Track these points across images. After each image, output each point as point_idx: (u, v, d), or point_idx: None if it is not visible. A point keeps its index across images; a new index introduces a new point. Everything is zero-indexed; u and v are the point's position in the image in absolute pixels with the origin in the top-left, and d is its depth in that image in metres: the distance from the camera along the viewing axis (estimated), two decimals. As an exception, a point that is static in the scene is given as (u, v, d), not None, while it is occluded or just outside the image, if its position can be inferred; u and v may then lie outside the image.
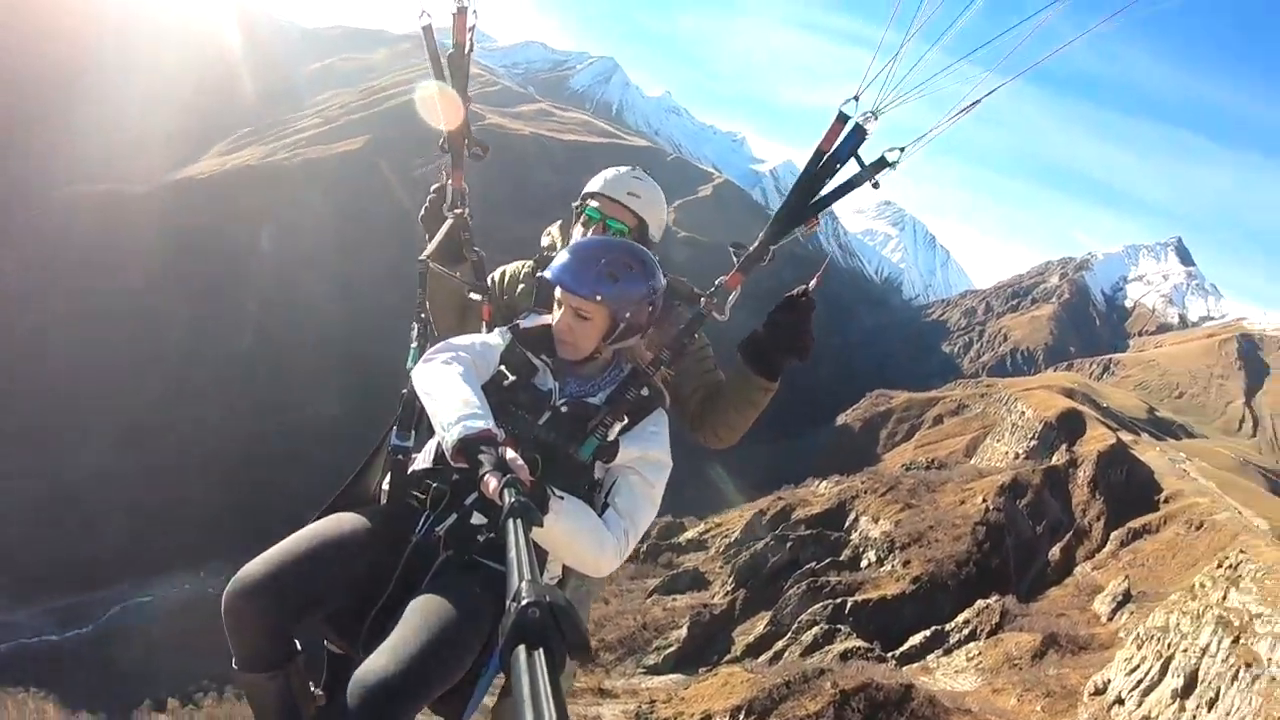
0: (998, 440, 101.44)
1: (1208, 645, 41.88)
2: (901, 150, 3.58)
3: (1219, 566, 47.74)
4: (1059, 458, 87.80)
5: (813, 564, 75.82)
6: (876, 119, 3.56)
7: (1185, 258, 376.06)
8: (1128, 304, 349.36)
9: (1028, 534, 78.71)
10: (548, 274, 3.41)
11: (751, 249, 4.02)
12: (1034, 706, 51.43)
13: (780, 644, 60.13)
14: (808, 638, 59.80)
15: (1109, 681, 46.35)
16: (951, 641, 63.17)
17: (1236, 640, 40.75)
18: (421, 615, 2.93)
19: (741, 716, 49.49)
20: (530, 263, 4.50)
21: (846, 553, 78.96)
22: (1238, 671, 39.42)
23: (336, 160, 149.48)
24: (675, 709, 51.30)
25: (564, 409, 3.41)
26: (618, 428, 3.38)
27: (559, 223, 4.56)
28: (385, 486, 3.60)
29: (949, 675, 58.72)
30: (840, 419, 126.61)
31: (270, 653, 3.12)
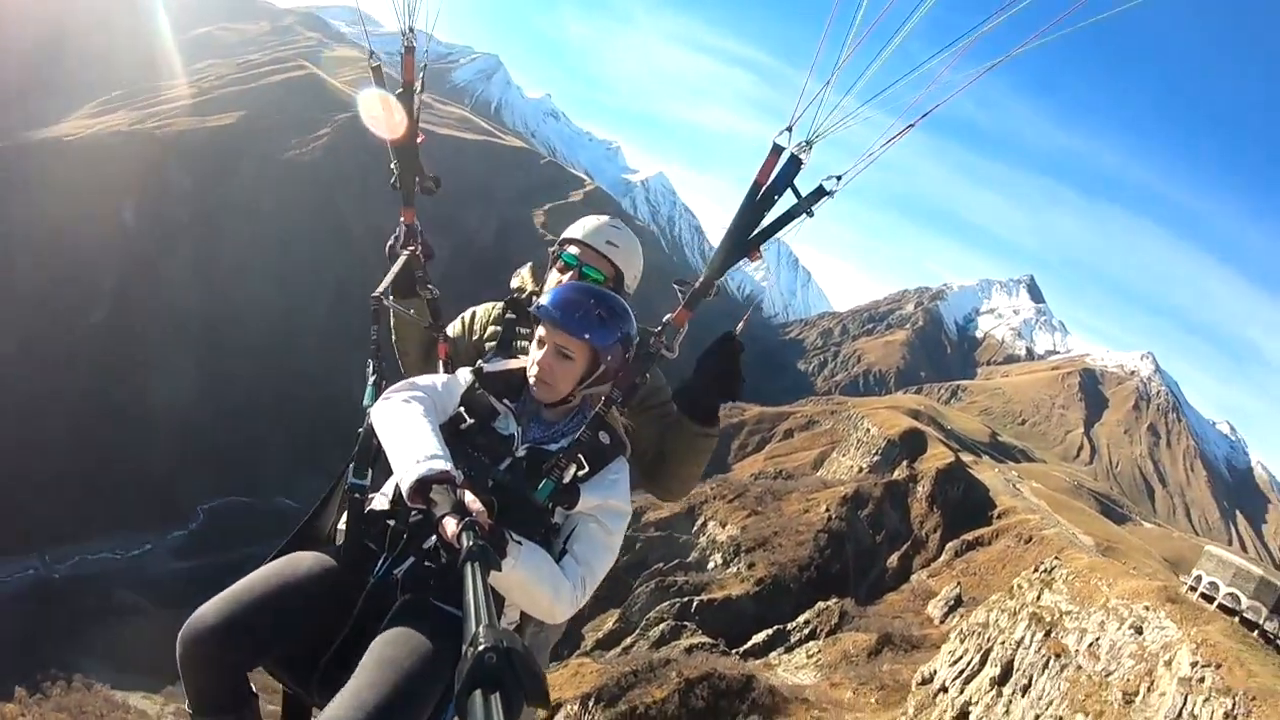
0: (844, 455, 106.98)
1: (1022, 638, 46.92)
2: (838, 179, 3.64)
3: (1035, 570, 53.00)
4: (900, 473, 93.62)
5: (660, 564, 79.40)
6: (810, 148, 3.61)
7: (1036, 295, 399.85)
8: (978, 334, 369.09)
9: (868, 542, 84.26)
10: (539, 309, 3.43)
11: (697, 285, 4.01)
12: (869, 699, 55.90)
13: (629, 639, 63.08)
14: (655, 634, 62.88)
15: (934, 672, 51.14)
16: (793, 640, 67.40)
17: (1048, 634, 45.74)
18: (380, 661, 2.90)
19: (591, 704, 52.36)
20: (500, 305, 4.46)
21: (694, 554, 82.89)
22: (1048, 661, 44.23)
23: (207, 135, 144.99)
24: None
25: (524, 454, 3.43)
26: (573, 470, 3.38)
27: (530, 265, 4.59)
28: (341, 526, 3.58)
29: (789, 670, 62.75)
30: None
31: (226, 696, 3.12)
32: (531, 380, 3.48)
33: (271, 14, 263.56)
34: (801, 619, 69.18)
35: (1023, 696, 44.99)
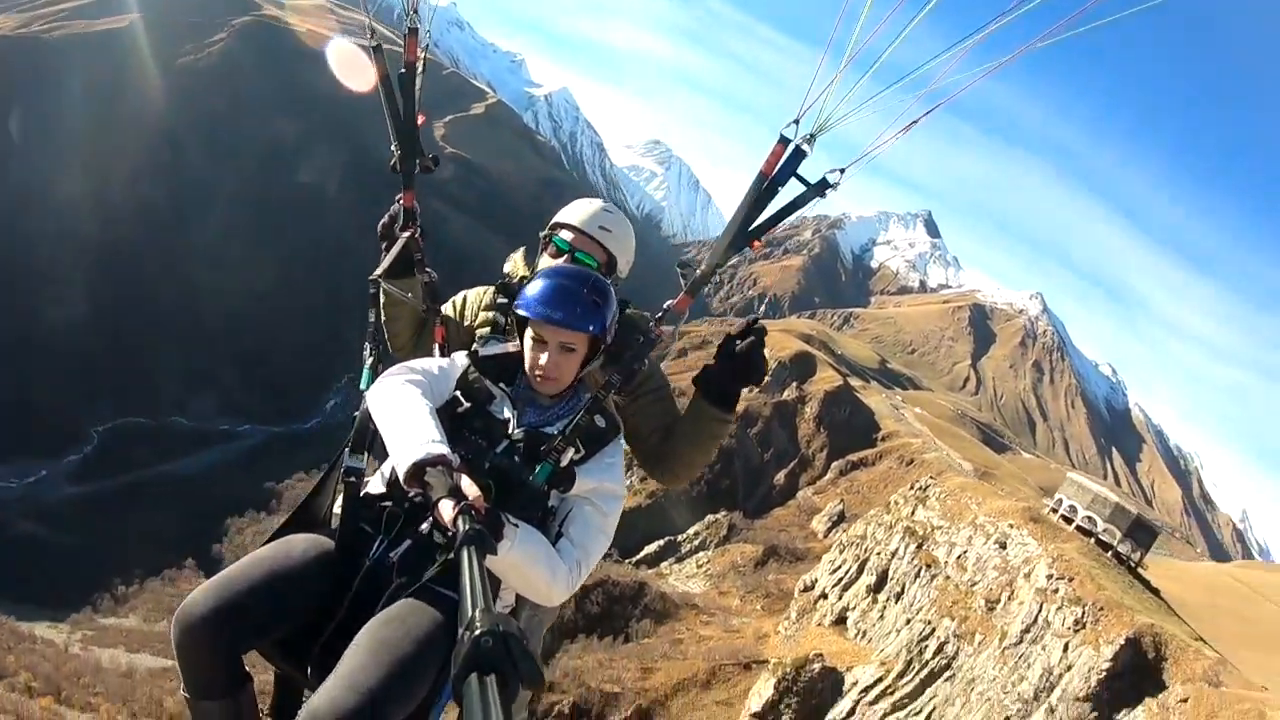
0: None
1: (897, 550, 50.96)
2: (842, 171, 3.69)
3: (911, 488, 57.08)
4: (789, 394, 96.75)
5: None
6: (814, 141, 3.66)
7: (933, 230, 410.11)
8: (874, 264, 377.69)
9: (756, 460, 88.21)
10: (530, 312, 3.40)
11: (699, 272, 4.04)
12: (755, 605, 59.60)
13: None
14: None
15: (815, 580, 55.03)
16: (683, 550, 70.81)
17: (920, 547, 49.77)
18: (376, 643, 2.92)
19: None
20: (492, 289, 4.40)
21: None
22: (920, 571, 48.18)
23: (98, 39, 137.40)
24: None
25: (521, 437, 3.44)
26: (570, 453, 3.40)
27: (522, 250, 4.49)
28: (337, 509, 3.60)
29: (680, 580, 66.18)
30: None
31: (222, 680, 3.14)
32: (536, 379, 3.48)
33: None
34: (691, 531, 72.78)
35: (896, 602, 49.10)
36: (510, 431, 3.44)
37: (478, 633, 1.69)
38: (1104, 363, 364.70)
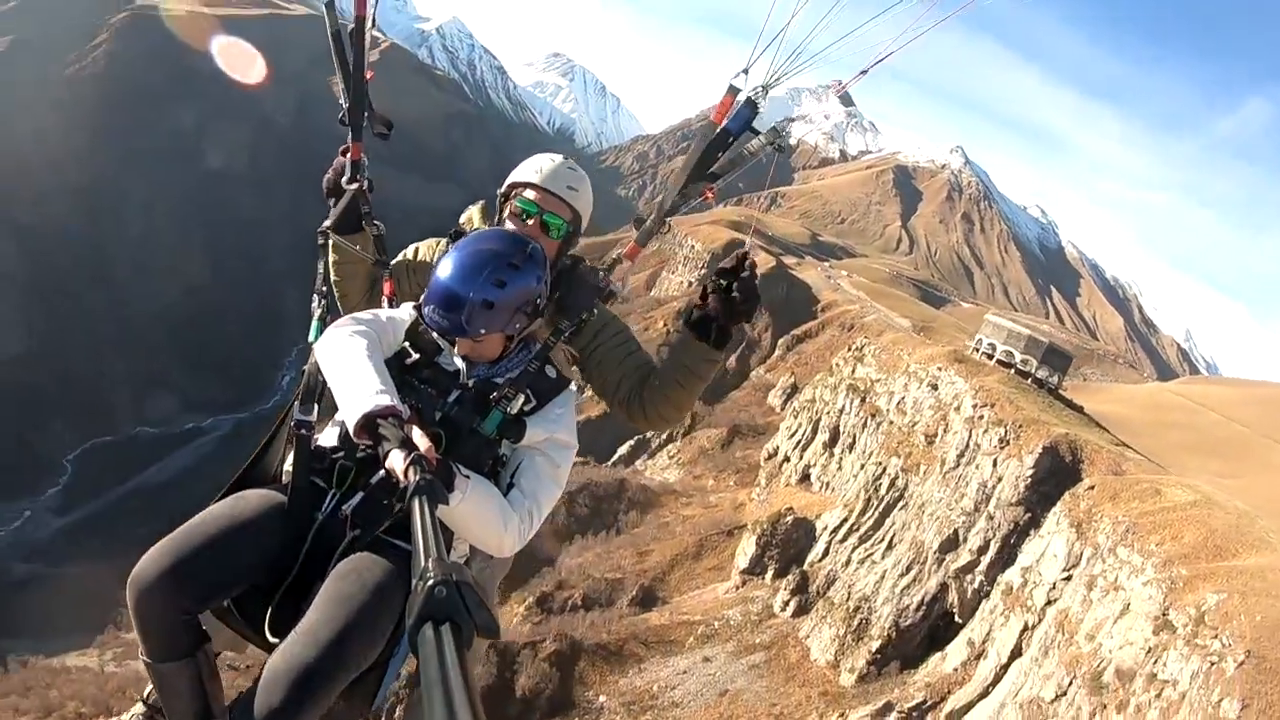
0: (672, 273, 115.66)
1: (843, 406, 58.08)
2: (792, 121, 3.81)
3: (848, 350, 63.72)
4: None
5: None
6: (766, 93, 3.67)
7: (846, 99, 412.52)
8: (792, 141, 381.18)
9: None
10: (425, 319, 3.35)
11: (648, 222, 4.08)
12: (728, 481, 66.29)
13: None
14: None
15: (778, 448, 62.08)
16: (653, 446, 77.03)
17: (863, 400, 56.78)
18: (332, 597, 2.96)
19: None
20: (445, 240, 4.24)
21: None
22: (866, 421, 55.26)
23: None
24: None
25: (471, 386, 3.43)
26: (520, 401, 3.39)
27: (480, 204, 4.33)
28: (288, 465, 3.59)
29: (656, 472, 72.55)
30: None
31: (179, 641, 3.13)
32: (462, 364, 3.47)
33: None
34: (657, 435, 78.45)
35: (849, 452, 56.38)
36: (460, 381, 3.43)
37: (430, 582, 1.72)
38: (1032, 205, 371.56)
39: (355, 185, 4.23)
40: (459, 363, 3.46)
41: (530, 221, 3.92)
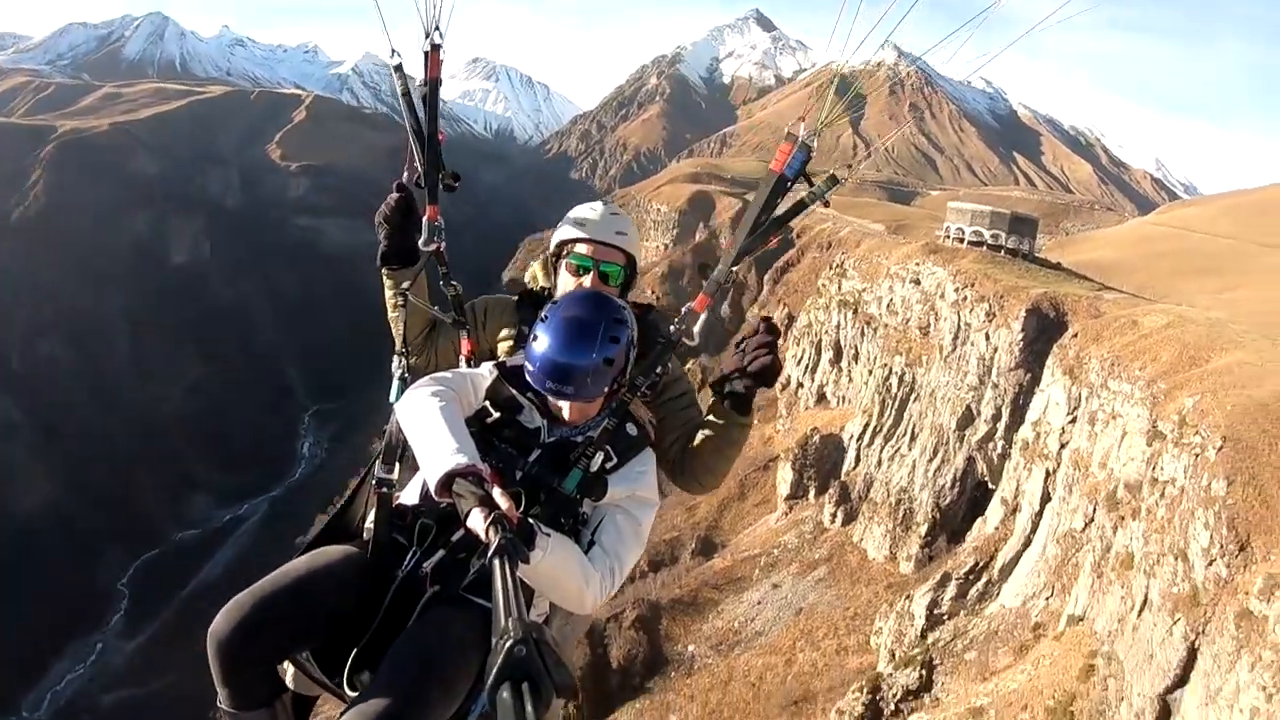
0: (645, 240, 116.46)
1: (839, 322, 61.43)
2: (849, 168, 4.16)
3: (829, 269, 66.80)
4: (700, 235, 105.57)
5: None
6: (816, 138, 3.76)
7: (767, 25, 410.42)
8: (726, 81, 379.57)
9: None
10: (536, 384, 3.35)
11: (716, 272, 4.03)
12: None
13: None
14: None
15: (789, 376, 65.23)
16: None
17: (855, 311, 59.98)
18: (412, 654, 3.00)
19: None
20: (512, 299, 4.36)
21: None
22: (863, 330, 58.61)
23: None
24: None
25: (551, 444, 3.45)
26: (600, 458, 3.39)
27: (540, 260, 4.38)
28: (370, 522, 3.62)
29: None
30: (505, 275, 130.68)
31: (257, 691, 3.20)
32: (565, 419, 3.51)
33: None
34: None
35: (855, 363, 59.78)
36: (542, 440, 3.46)
37: (510, 642, 1.75)
38: (975, 78, 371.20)
39: (434, 247, 4.19)
40: (539, 421, 3.49)
41: (588, 275, 4.00)
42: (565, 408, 3.45)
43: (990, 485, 45.53)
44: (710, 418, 3.90)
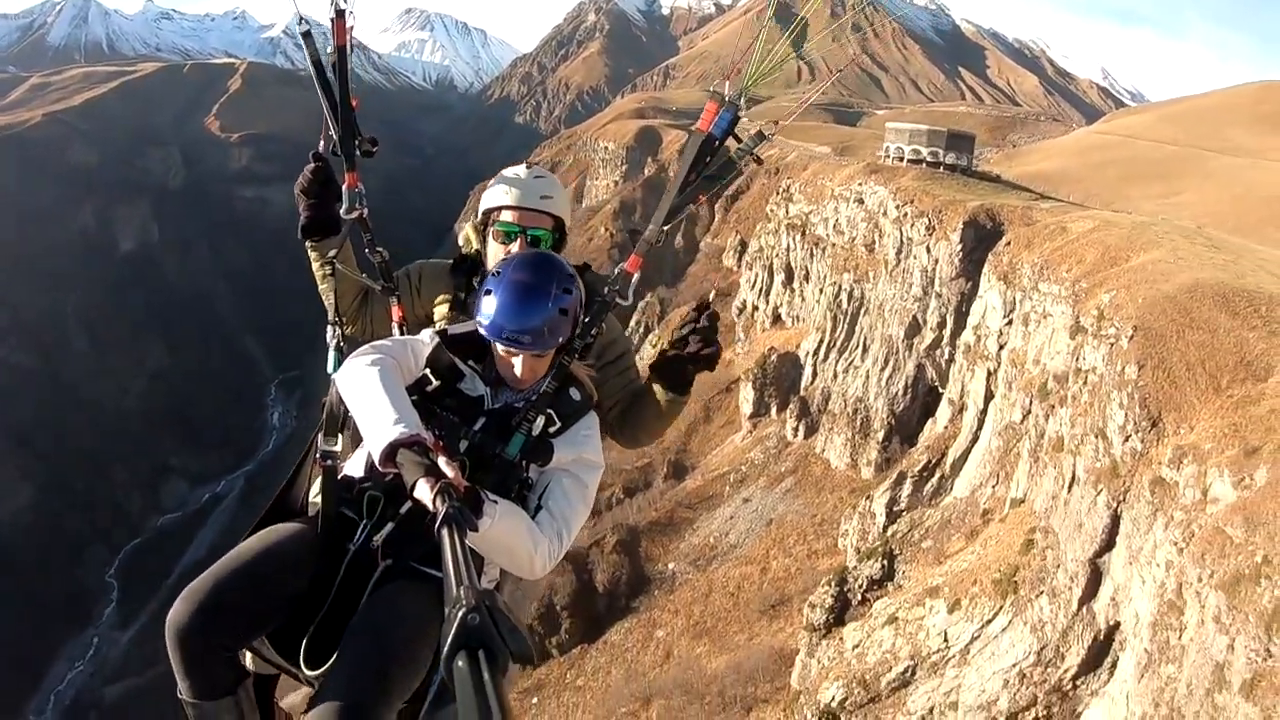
0: (595, 179, 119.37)
1: (789, 245, 63.89)
2: (776, 124, 4.04)
3: (776, 195, 68.99)
4: (649, 169, 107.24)
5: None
6: (743, 96, 3.85)
7: None
8: (665, 12, 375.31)
9: (651, 238, 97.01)
10: (493, 336, 3.34)
11: (646, 232, 4.14)
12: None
13: None
14: None
15: (744, 300, 67.91)
16: (635, 341, 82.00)
17: (803, 233, 62.36)
18: (371, 633, 3.03)
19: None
20: (449, 264, 4.39)
21: None
22: (811, 251, 61.04)
23: None
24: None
25: (495, 411, 3.46)
26: (542, 422, 3.42)
27: (471, 223, 4.36)
28: (314, 497, 3.70)
29: (643, 365, 77.86)
30: (459, 226, 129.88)
31: (220, 679, 3.18)
32: (511, 382, 3.51)
33: None
34: (632, 322, 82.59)
35: (807, 283, 62.42)
36: (485, 408, 3.47)
37: (463, 610, 1.75)
38: None
39: (355, 214, 4.22)
40: (482, 388, 3.50)
41: (516, 243, 4.02)
42: (518, 364, 3.44)
43: (940, 389, 48.43)
44: (653, 396, 4.02)
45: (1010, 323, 41.28)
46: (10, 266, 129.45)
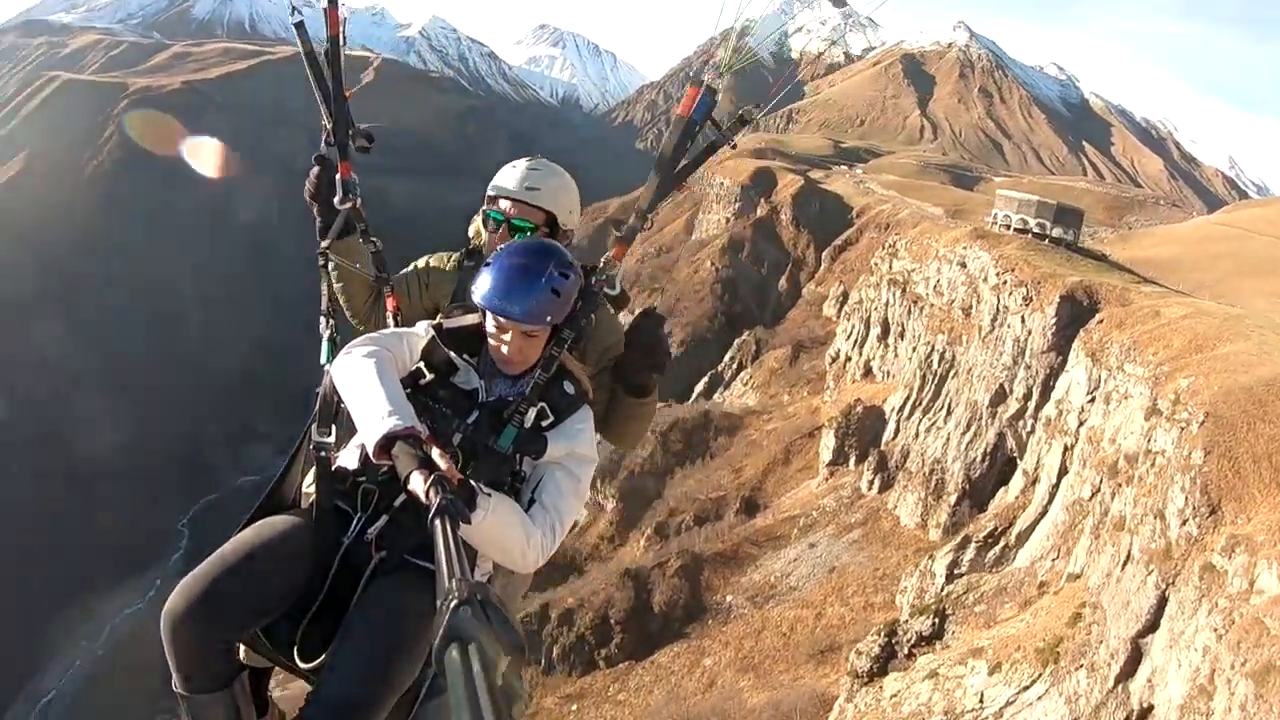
0: (708, 213, 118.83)
1: (888, 300, 64.46)
2: (757, 106, 3.96)
3: (882, 249, 69.75)
4: (762, 210, 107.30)
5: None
6: (723, 79, 3.87)
7: (839, 1, 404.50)
8: (794, 55, 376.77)
9: (756, 278, 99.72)
10: (488, 306, 3.35)
11: (630, 220, 4.18)
12: (801, 393, 72.74)
13: (596, 436, 76.74)
14: None
15: (839, 350, 68.70)
16: (726, 377, 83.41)
17: (904, 290, 62.82)
18: (370, 625, 3.06)
19: (598, 484, 67.80)
20: (456, 255, 4.47)
21: None
22: (910, 309, 61.63)
23: (4, 191, 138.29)
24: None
25: (488, 404, 3.49)
26: (533, 414, 3.45)
27: (481, 212, 4.38)
28: (308, 488, 3.72)
29: (734, 400, 79.01)
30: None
31: (215, 672, 3.18)
32: (501, 364, 3.54)
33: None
34: (727, 358, 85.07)
35: (901, 340, 62.95)
36: (480, 401, 3.49)
37: (455, 603, 1.76)
38: (1048, 64, 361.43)
39: (348, 204, 4.26)
40: (476, 381, 3.53)
41: (499, 233, 4.13)
42: (507, 342, 3.44)
43: (1017, 459, 48.68)
44: (617, 401, 4.16)
45: (1093, 400, 41.58)
46: (133, 218, 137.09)
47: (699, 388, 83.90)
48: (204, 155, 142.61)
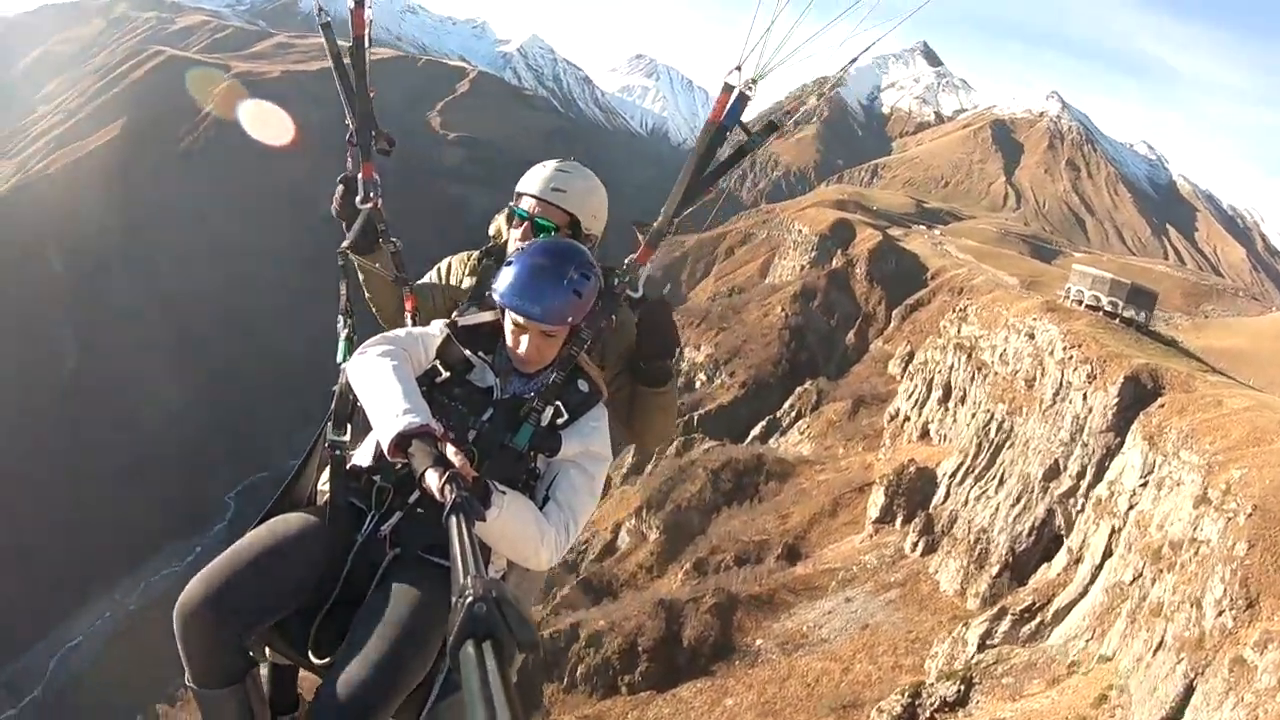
0: (784, 258, 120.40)
1: (953, 364, 64.37)
2: (788, 114, 4.12)
3: (953, 313, 69.68)
4: (837, 261, 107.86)
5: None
6: (756, 85, 3.88)
7: (933, 59, 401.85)
8: (885, 110, 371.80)
9: (825, 328, 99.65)
10: (508, 305, 3.39)
11: (656, 224, 4.17)
12: (856, 448, 72.72)
13: (649, 465, 77.62)
14: (671, 450, 77.45)
15: (898, 409, 68.62)
16: (784, 424, 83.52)
17: (969, 356, 62.86)
18: (382, 620, 3.05)
19: (644, 513, 68.09)
20: (477, 253, 4.52)
21: (680, 380, 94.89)
22: (974, 375, 61.46)
23: (103, 154, 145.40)
24: (587, 530, 67.72)
25: (504, 402, 3.50)
26: (550, 412, 3.46)
27: (505, 211, 4.46)
28: (322, 486, 3.72)
29: (789, 447, 79.12)
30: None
31: (228, 667, 3.19)
32: (517, 363, 3.56)
33: (99, 8, 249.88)
34: (786, 405, 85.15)
35: (961, 405, 62.76)
36: (495, 398, 3.50)
37: (470, 600, 1.74)
38: (1138, 142, 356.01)
39: (370, 204, 4.31)
40: (492, 379, 3.55)
41: (523, 230, 4.15)
42: (525, 342, 3.48)
43: (1063, 537, 48.26)
44: (635, 397, 4.15)
45: (1145, 485, 41.18)
46: (219, 195, 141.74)
47: (756, 431, 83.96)
48: (297, 144, 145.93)
